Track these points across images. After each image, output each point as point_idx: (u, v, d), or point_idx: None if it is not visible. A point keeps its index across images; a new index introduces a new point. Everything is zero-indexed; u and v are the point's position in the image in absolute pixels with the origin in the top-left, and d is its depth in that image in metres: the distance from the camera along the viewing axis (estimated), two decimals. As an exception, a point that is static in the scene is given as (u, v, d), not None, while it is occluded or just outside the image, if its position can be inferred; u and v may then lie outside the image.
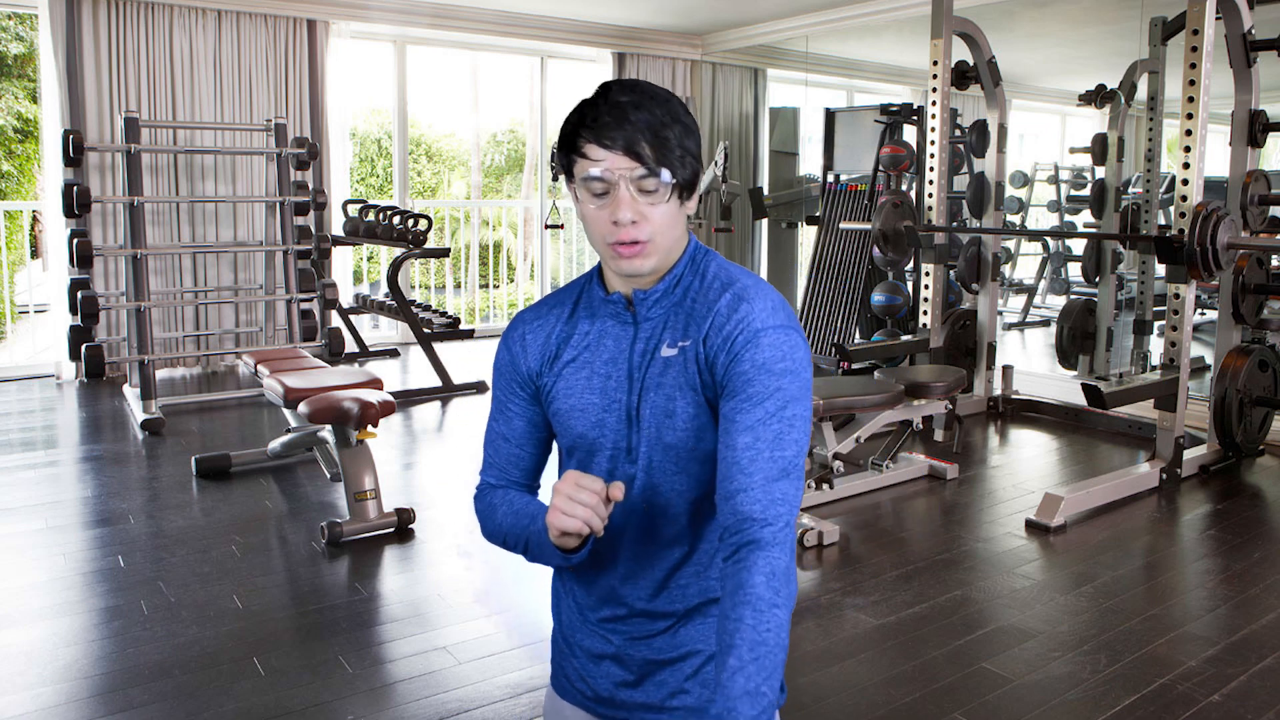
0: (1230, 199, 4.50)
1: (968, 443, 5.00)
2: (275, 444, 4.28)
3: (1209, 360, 5.43)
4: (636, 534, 1.21)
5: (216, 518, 3.74)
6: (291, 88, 6.63)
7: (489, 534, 1.29)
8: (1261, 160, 4.63)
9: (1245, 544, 3.59)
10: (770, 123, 8.65)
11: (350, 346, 6.76)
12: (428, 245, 6.18)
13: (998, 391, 5.69)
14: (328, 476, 4.19)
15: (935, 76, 5.15)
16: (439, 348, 6.34)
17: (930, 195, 5.25)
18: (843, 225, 6.89)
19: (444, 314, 6.41)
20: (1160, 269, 5.11)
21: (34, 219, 8.71)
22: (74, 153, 5.27)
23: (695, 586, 1.22)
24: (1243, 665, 2.65)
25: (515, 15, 7.30)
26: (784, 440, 1.09)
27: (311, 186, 6.25)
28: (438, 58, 12.30)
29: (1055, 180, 7.94)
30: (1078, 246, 7.35)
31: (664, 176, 1.10)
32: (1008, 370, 5.70)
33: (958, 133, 6.52)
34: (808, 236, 8.11)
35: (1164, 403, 4.25)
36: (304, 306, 5.84)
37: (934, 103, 5.19)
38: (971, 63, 5.47)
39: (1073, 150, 6.84)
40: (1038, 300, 8.34)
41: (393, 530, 3.60)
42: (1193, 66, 4.07)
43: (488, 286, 11.11)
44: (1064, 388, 5.72)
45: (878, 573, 3.30)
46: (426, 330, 6.07)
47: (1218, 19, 4.17)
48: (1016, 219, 8.00)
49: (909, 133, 7.05)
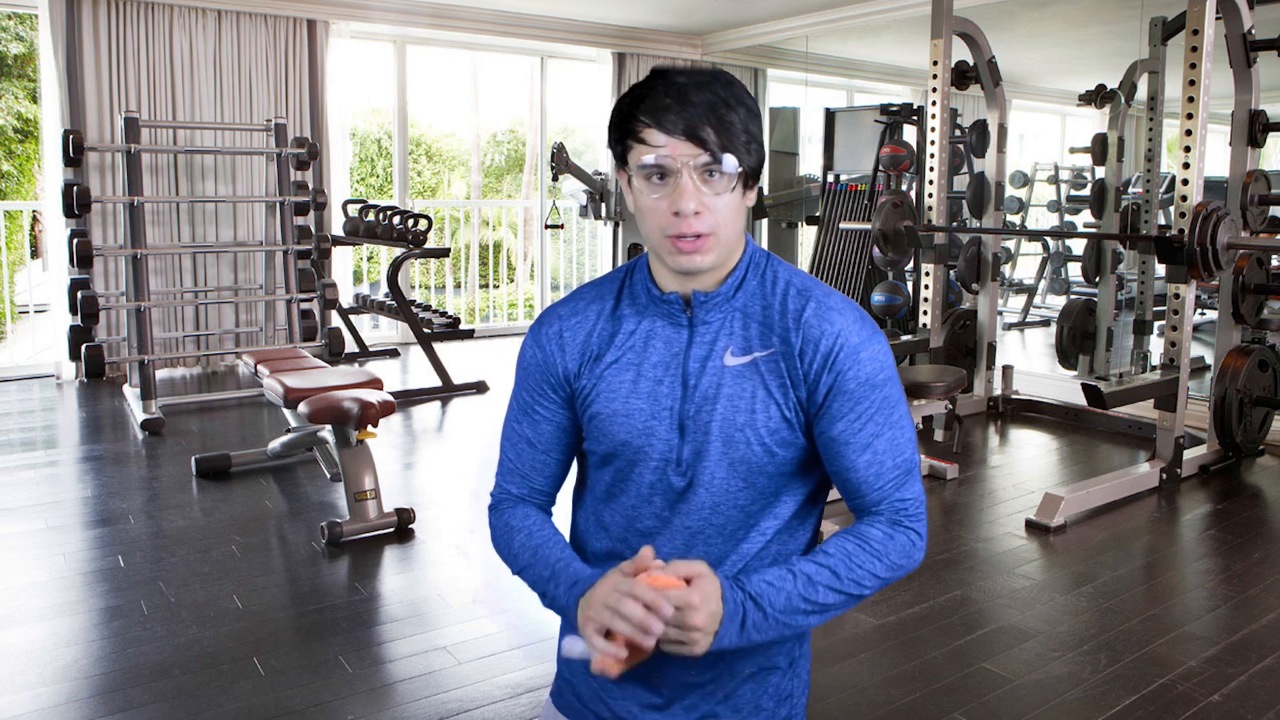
0: (1230, 199, 4.50)
1: (968, 443, 5.00)
2: (275, 444, 4.28)
3: (1209, 360, 5.43)
4: (682, 549, 1.13)
5: (216, 518, 3.75)
6: (291, 88, 6.63)
7: (502, 556, 1.20)
8: (1261, 160, 4.63)
9: (1245, 544, 3.59)
10: (770, 123, 8.65)
11: (350, 346, 6.76)
12: (428, 245, 6.18)
13: (998, 391, 5.69)
14: (328, 476, 4.19)
15: (935, 76, 5.15)
16: (439, 348, 6.33)
17: (930, 195, 5.25)
18: (843, 225, 6.89)
19: (444, 314, 6.41)
20: (1160, 269, 5.11)
21: (34, 219, 8.72)
22: (74, 153, 5.27)
23: None
24: (1243, 665, 2.65)
25: (515, 15, 7.30)
26: (899, 444, 1.11)
27: (311, 186, 6.25)
28: (438, 58, 12.31)
29: (1055, 180, 7.94)
30: (1078, 246, 7.35)
31: (728, 164, 1.03)
32: (1008, 370, 5.70)
33: (958, 133, 6.52)
34: (808, 236, 8.11)
35: (1164, 403, 4.25)
36: (304, 306, 5.83)
37: (934, 103, 5.19)
38: (971, 63, 5.46)
39: (1073, 150, 6.83)
40: (1038, 300, 8.34)
41: (393, 530, 3.60)
42: (1193, 66, 4.07)
43: (488, 286, 11.11)
44: (1064, 388, 5.72)
45: (878, 573, 3.29)
46: (426, 330, 6.07)
47: (1218, 19, 4.16)
48: (1016, 219, 8.00)
49: (909, 133, 7.06)
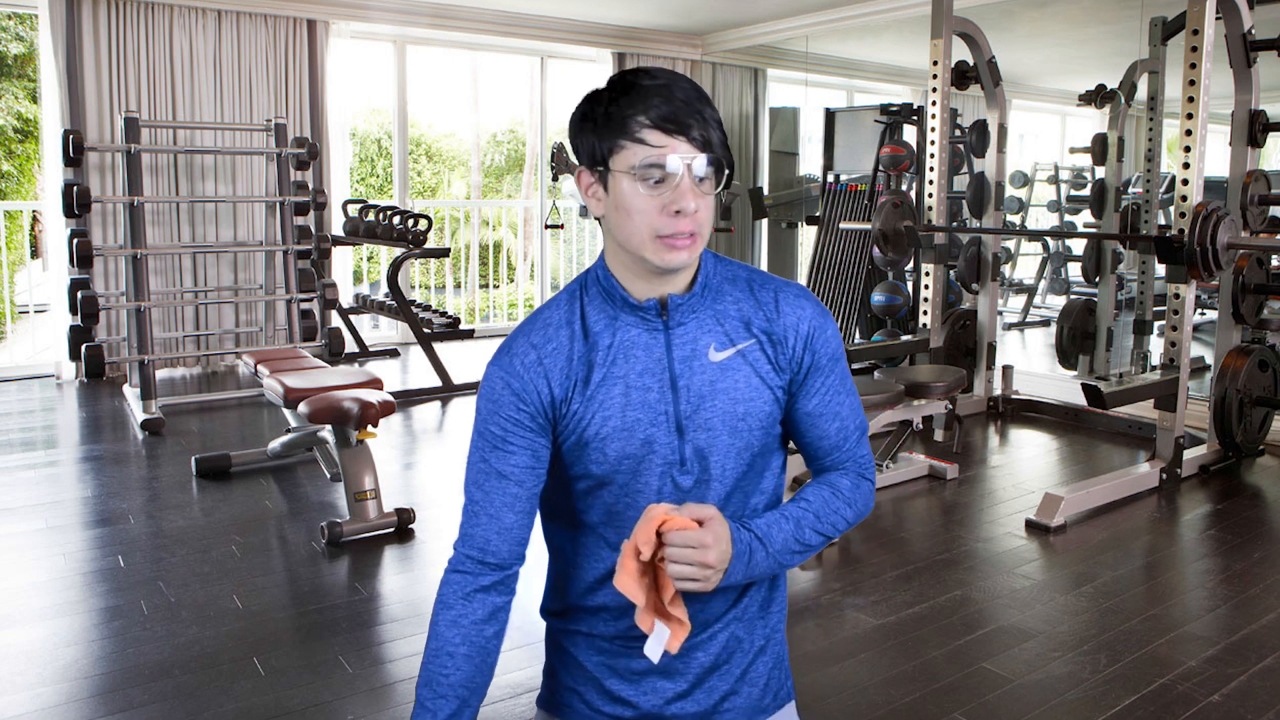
0: (1230, 199, 4.50)
1: (968, 443, 5.00)
2: (275, 444, 4.28)
3: (1209, 360, 5.43)
4: None
5: (216, 518, 3.74)
6: (291, 88, 6.63)
7: (429, 633, 1.15)
8: (1261, 160, 4.63)
9: (1245, 544, 3.59)
10: (770, 123, 8.65)
11: (350, 346, 6.76)
12: (428, 245, 6.18)
13: (998, 391, 5.69)
14: (328, 476, 4.19)
15: (935, 76, 5.15)
16: (439, 348, 6.33)
17: (930, 195, 5.25)
18: (843, 225, 6.89)
19: (444, 314, 6.41)
20: (1160, 269, 5.11)
21: (34, 219, 8.72)
22: (74, 153, 5.27)
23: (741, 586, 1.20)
24: (1243, 665, 2.65)
25: (515, 15, 7.30)
26: (856, 408, 1.23)
27: (311, 186, 6.25)
28: (438, 58, 12.31)
29: (1055, 180, 7.94)
30: (1078, 246, 7.35)
31: (711, 163, 1.06)
32: (1008, 370, 5.70)
33: (958, 133, 6.52)
34: (808, 236, 8.10)
35: (1164, 403, 4.25)
36: (304, 306, 5.83)
37: (934, 103, 5.19)
38: (971, 63, 5.46)
39: (1073, 150, 6.83)
40: (1038, 300, 8.34)
41: (393, 530, 3.60)
42: (1193, 66, 4.07)
43: (488, 286, 11.11)
44: (1064, 388, 5.72)
45: (878, 573, 3.30)
46: (426, 330, 6.07)
47: (1218, 19, 4.17)
48: (1016, 219, 8.00)
49: (909, 133, 7.05)
